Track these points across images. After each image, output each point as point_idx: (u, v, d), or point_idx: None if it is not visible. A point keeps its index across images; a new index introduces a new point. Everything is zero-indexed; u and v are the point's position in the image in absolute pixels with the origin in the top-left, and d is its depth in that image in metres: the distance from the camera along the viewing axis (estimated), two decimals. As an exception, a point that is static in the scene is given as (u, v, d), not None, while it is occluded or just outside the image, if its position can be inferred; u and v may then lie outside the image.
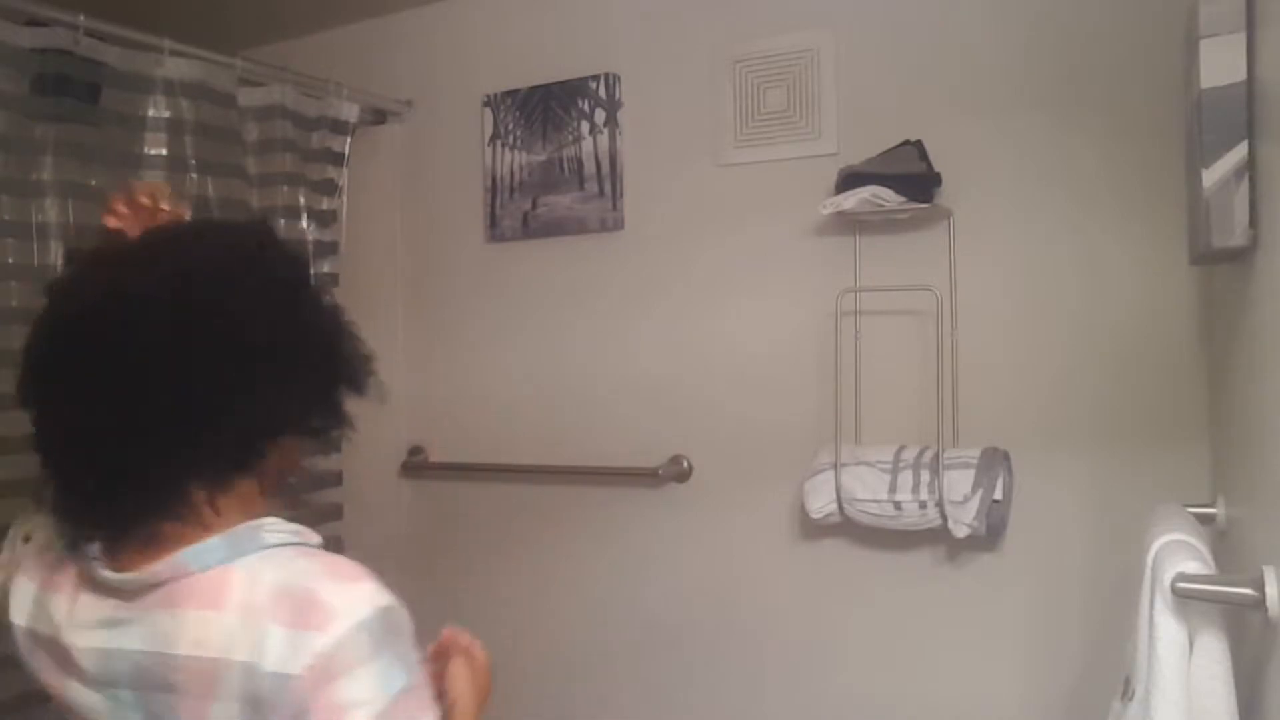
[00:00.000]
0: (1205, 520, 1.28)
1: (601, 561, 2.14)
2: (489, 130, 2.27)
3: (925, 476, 1.70)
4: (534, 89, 2.21)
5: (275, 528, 0.88)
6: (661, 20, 2.08)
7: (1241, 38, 1.04)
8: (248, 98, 2.01)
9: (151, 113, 1.79)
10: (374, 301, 2.38)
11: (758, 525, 1.98)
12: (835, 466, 1.77)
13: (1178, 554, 0.98)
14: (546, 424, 2.19)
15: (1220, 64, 1.05)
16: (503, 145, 2.26)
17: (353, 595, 0.81)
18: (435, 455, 2.35)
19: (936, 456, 1.70)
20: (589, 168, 2.16)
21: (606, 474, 2.11)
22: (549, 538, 2.21)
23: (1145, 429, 1.65)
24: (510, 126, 2.25)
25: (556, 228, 2.19)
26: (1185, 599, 0.94)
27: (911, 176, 1.74)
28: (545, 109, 2.20)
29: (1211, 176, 1.05)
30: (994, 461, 1.69)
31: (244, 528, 0.86)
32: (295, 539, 0.88)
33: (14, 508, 1.61)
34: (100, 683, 0.86)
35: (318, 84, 2.15)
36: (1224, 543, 1.28)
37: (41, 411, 0.89)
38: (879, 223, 1.83)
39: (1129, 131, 1.65)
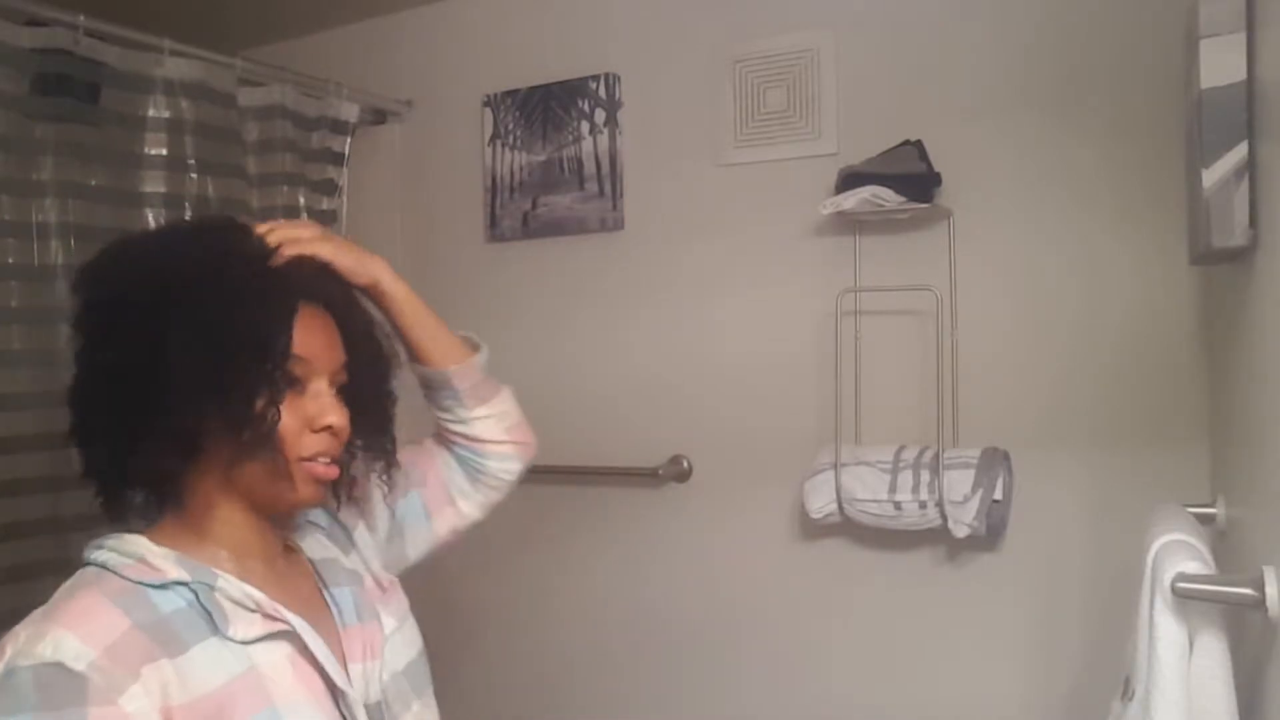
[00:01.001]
0: (1205, 520, 1.28)
1: (601, 561, 2.14)
2: (489, 130, 2.27)
3: (925, 476, 1.70)
4: (534, 89, 2.21)
5: (106, 545, 0.86)
6: (661, 20, 2.07)
7: (1241, 38, 1.04)
8: (248, 98, 2.01)
9: (151, 113, 1.79)
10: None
11: (758, 525, 1.98)
12: (835, 466, 1.77)
13: (1178, 554, 0.98)
14: (546, 424, 2.17)
15: (1220, 64, 1.05)
16: (503, 145, 2.26)
17: (19, 643, 0.76)
18: (435, 455, 2.35)
19: (936, 456, 1.70)
20: (589, 168, 2.16)
21: (606, 474, 2.11)
22: (549, 537, 2.21)
23: (1145, 429, 1.65)
24: (510, 126, 2.25)
25: (556, 228, 2.19)
26: (1185, 599, 0.94)
27: (911, 176, 1.73)
28: (545, 109, 2.20)
29: (1211, 176, 1.05)
30: (994, 461, 1.69)
31: (98, 539, 0.87)
32: (103, 562, 0.84)
33: (14, 507, 1.62)
34: None
35: (318, 84, 2.15)
36: (1224, 543, 1.28)
37: None
38: (879, 223, 1.83)
39: (1129, 131, 1.65)
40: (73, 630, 0.76)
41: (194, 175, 1.85)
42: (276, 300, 0.88)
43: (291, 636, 0.87)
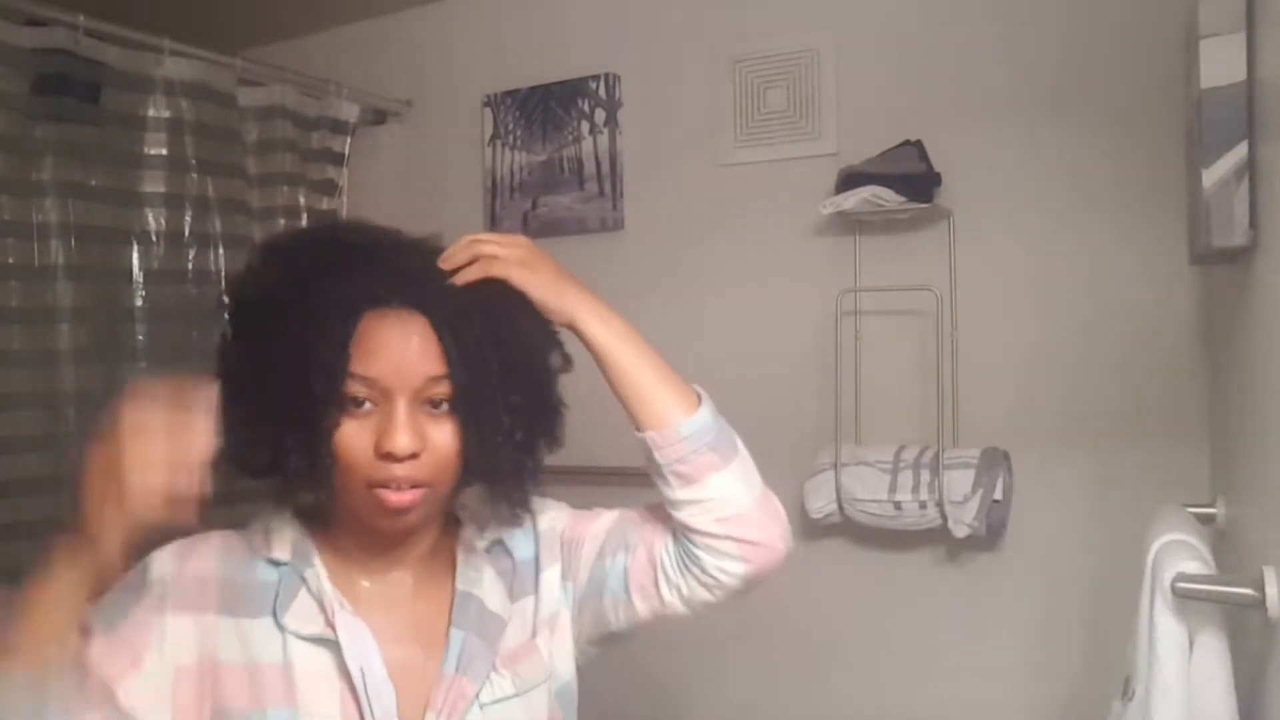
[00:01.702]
0: (1205, 520, 1.28)
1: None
2: (489, 130, 2.27)
3: (925, 476, 1.70)
4: (534, 89, 2.21)
5: (261, 514, 0.91)
6: (661, 20, 2.07)
7: (1241, 38, 1.04)
8: (248, 98, 2.01)
9: (151, 113, 1.80)
10: (374, 301, 2.38)
11: (758, 525, 1.97)
12: (835, 466, 1.77)
13: (1178, 554, 0.98)
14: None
15: (1220, 64, 1.05)
16: (503, 145, 2.26)
17: None
18: (435, 455, 2.34)
19: (936, 456, 1.70)
20: (589, 168, 2.16)
21: (606, 474, 2.10)
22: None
23: (1145, 429, 1.65)
24: (510, 126, 2.25)
25: (556, 227, 2.19)
26: (1185, 599, 0.94)
27: (911, 176, 1.73)
28: (545, 109, 2.20)
29: (1211, 176, 1.05)
30: (994, 461, 1.69)
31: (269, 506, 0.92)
32: (246, 524, 0.91)
33: (14, 508, 1.62)
34: None
35: (318, 84, 2.15)
36: (1224, 543, 1.28)
37: None
38: (879, 223, 1.83)
39: (1129, 131, 1.65)
40: (175, 550, 0.85)
41: (194, 175, 1.86)
42: (325, 320, 0.80)
43: (339, 650, 0.83)
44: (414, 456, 0.81)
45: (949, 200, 1.78)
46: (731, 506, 0.93)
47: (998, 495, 1.67)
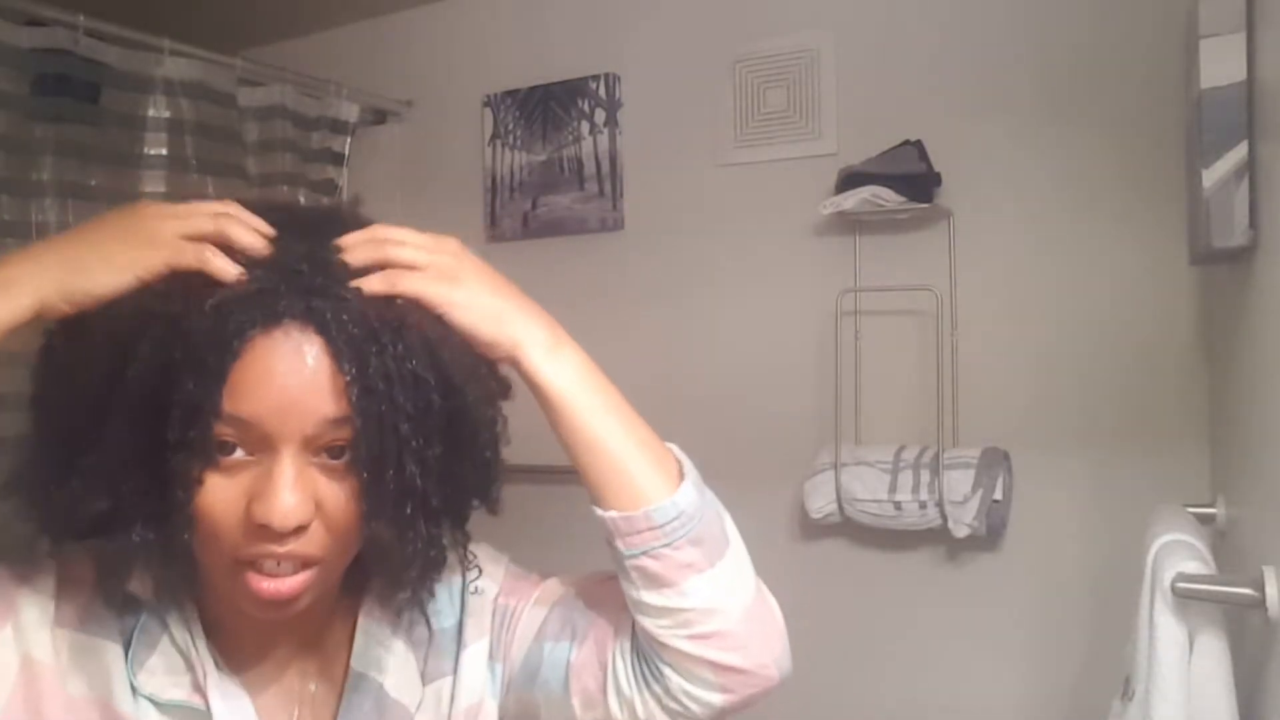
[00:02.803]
0: (1205, 520, 1.28)
1: (600, 563, 2.13)
2: (489, 130, 2.27)
3: (925, 476, 1.70)
4: (534, 89, 2.21)
5: None
6: (661, 20, 2.08)
7: (1241, 38, 1.04)
8: (248, 98, 2.01)
9: (151, 113, 1.80)
10: (374, 301, 2.38)
11: (757, 525, 1.96)
12: (835, 466, 1.77)
13: (1178, 554, 0.98)
14: (545, 424, 2.19)
15: (1220, 64, 1.05)
16: (503, 145, 2.26)
17: None
18: (435, 455, 2.34)
19: (936, 456, 1.70)
20: (589, 168, 2.16)
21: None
22: (547, 539, 2.20)
23: (1145, 429, 1.65)
24: (510, 126, 2.25)
25: (556, 227, 2.19)
26: (1185, 599, 0.94)
27: (911, 176, 1.74)
28: (545, 109, 2.20)
29: (1211, 176, 1.05)
30: (994, 461, 1.69)
31: None
32: None
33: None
34: None
35: (318, 84, 2.15)
36: (1224, 543, 1.28)
37: None
38: (879, 223, 1.83)
39: (1129, 131, 1.65)
40: (74, 548, 0.67)
41: (194, 175, 1.85)
42: (191, 338, 0.58)
43: None
44: (300, 530, 0.60)
45: (949, 200, 1.78)
46: (713, 621, 0.70)
47: (998, 495, 1.67)
